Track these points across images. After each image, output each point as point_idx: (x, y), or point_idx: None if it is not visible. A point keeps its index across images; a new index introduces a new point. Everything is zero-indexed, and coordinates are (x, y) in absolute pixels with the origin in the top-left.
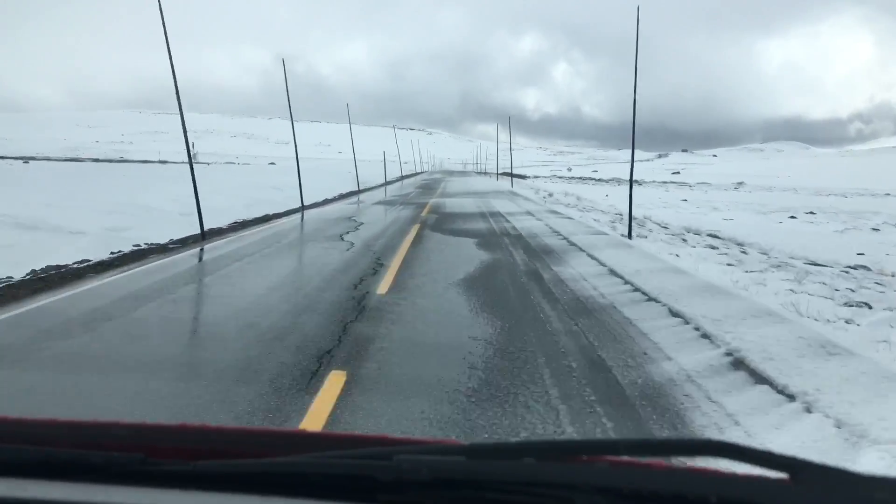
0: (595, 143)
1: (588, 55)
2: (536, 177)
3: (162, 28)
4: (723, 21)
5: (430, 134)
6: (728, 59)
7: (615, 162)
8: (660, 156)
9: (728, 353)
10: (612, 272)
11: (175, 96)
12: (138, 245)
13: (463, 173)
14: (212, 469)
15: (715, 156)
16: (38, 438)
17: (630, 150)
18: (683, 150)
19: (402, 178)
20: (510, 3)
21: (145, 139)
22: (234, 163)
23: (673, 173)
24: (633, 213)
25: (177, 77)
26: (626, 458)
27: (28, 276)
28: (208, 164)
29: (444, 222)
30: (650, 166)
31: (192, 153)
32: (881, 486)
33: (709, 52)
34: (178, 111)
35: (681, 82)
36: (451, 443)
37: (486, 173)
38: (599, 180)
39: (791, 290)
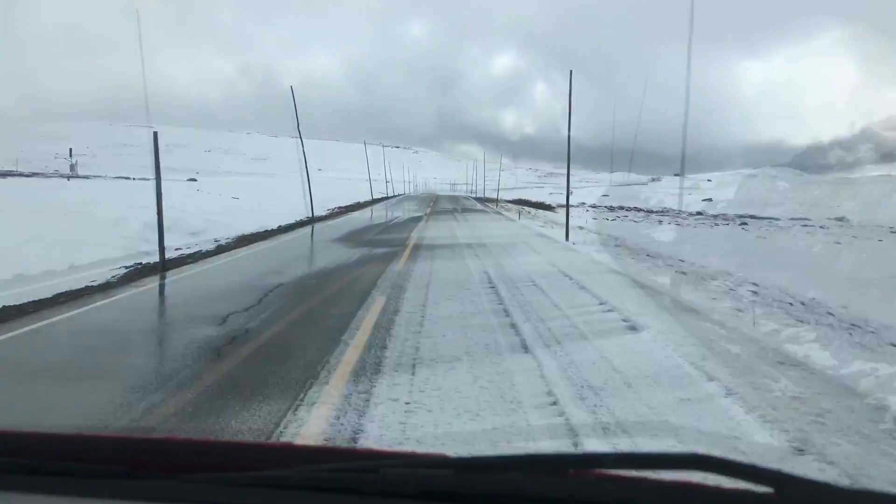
0: (578, 165)
1: (566, 76)
2: (562, 206)
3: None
4: (702, 44)
5: (417, 153)
6: (708, 81)
7: (610, 185)
8: (653, 179)
9: None
10: None
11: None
12: None
13: (454, 202)
14: (198, 483)
15: (710, 180)
16: (22, 451)
17: (620, 172)
18: (676, 175)
19: (313, 220)
20: (486, 19)
21: (110, 152)
22: (129, 178)
23: (703, 200)
24: None
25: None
26: (612, 471)
27: None
28: (69, 177)
29: None
30: (652, 188)
31: (71, 165)
32: (864, 500)
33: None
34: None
35: (660, 105)
36: (439, 456)
37: (490, 201)
38: (647, 212)
39: None
